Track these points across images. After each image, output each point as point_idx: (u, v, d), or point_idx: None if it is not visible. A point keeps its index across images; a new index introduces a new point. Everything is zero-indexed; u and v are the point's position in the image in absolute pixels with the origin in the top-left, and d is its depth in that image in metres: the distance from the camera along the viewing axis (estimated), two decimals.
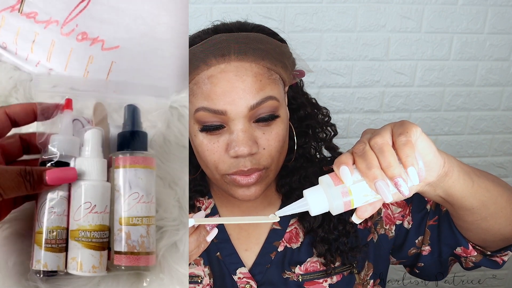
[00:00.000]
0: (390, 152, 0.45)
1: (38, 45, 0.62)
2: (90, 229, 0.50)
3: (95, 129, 0.53)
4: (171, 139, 0.59)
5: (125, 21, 0.59)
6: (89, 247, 0.50)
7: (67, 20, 0.60)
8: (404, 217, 0.71)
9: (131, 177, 0.52)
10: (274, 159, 0.62)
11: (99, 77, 0.61)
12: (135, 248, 0.51)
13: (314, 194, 0.47)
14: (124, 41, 0.60)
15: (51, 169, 0.49)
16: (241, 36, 0.60)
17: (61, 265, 0.50)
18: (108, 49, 0.60)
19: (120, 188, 0.52)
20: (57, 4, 0.60)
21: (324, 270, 0.69)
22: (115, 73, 0.61)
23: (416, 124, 0.47)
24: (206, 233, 0.57)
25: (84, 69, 0.61)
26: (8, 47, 0.64)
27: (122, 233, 0.51)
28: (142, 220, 0.52)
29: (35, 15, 0.61)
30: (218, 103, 0.58)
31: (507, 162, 1.53)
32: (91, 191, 0.51)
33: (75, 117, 0.54)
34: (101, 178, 0.52)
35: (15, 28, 0.62)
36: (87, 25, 0.60)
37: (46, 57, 0.62)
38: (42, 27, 0.61)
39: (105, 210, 0.51)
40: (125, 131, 0.54)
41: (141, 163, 0.53)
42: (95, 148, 0.52)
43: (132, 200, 0.52)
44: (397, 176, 0.44)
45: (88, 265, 0.50)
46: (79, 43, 0.60)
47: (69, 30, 0.60)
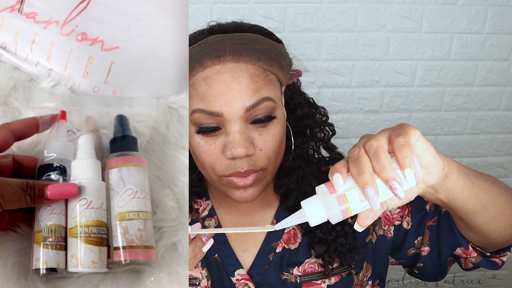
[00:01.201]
0: (384, 156, 0.44)
1: (38, 45, 0.62)
2: (88, 224, 0.51)
3: (87, 134, 0.56)
4: (170, 140, 0.59)
5: (125, 22, 0.59)
6: (88, 242, 0.51)
7: (67, 20, 0.60)
8: (403, 218, 0.71)
9: (124, 174, 0.54)
10: (271, 160, 0.61)
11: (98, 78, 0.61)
12: (134, 241, 0.52)
13: (311, 205, 0.47)
14: (123, 42, 0.60)
15: (52, 184, 0.50)
16: (236, 36, 0.60)
17: (61, 262, 0.50)
18: (108, 50, 0.60)
19: (114, 186, 0.54)
20: (57, 4, 0.60)
21: (322, 271, 0.69)
22: (114, 74, 0.61)
23: (414, 127, 0.47)
24: (202, 244, 0.58)
25: (84, 69, 0.61)
26: (7, 47, 0.64)
27: (120, 228, 0.52)
28: (139, 214, 0.53)
29: (35, 16, 0.61)
30: (214, 105, 0.58)
31: (507, 162, 1.53)
32: (86, 188, 0.52)
33: (69, 128, 0.56)
34: (96, 177, 0.54)
35: (15, 28, 0.62)
36: (87, 25, 0.60)
37: (46, 58, 0.62)
38: (42, 28, 0.61)
39: (102, 207, 0.53)
40: (116, 136, 0.57)
41: (133, 162, 0.55)
42: (88, 151, 0.55)
43: (127, 196, 0.53)
44: (392, 179, 0.44)
45: (88, 260, 0.50)
46: (79, 43, 0.60)
47: (69, 31, 0.60)
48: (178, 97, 0.62)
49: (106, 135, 0.58)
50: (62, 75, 0.62)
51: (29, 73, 0.63)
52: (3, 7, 0.62)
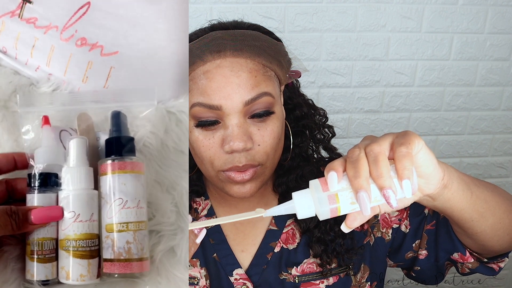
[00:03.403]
0: (383, 162, 0.44)
1: (37, 50, 0.62)
2: (76, 238, 0.50)
3: (78, 138, 0.53)
4: (169, 144, 0.59)
5: (124, 27, 0.60)
6: (76, 256, 0.50)
7: (66, 25, 0.60)
8: (401, 221, 0.72)
9: (114, 183, 0.52)
10: (269, 156, 0.62)
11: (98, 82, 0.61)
12: (122, 254, 0.51)
13: (301, 198, 0.47)
14: (123, 47, 0.60)
15: (36, 209, 0.49)
16: (236, 33, 0.61)
17: (50, 274, 0.51)
18: (107, 55, 0.60)
19: (104, 195, 0.52)
20: (57, 10, 0.60)
21: (321, 272, 0.69)
22: (113, 79, 0.61)
23: (419, 136, 0.46)
24: (194, 236, 0.58)
25: (83, 74, 0.61)
26: (8, 52, 0.64)
27: (108, 240, 0.51)
28: (128, 226, 0.51)
29: (35, 21, 0.61)
30: (214, 98, 0.58)
31: (507, 162, 1.53)
32: (74, 200, 0.51)
33: (63, 128, 0.55)
34: (86, 186, 0.52)
35: (15, 33, 0.63)
36: (86, 30, 0.60)
37: (46, 62, 0.62)
38: (42, 33, 0.61)
39: (91, 219, 0.52)
40: (110, 138, 0.54)
41: (124, 168, 0.52)
42: (79, 157, 0.53)
43: (116, 206, 0.51)
44: (387, 187, 0.43)
45: (76, 274, 0.50)
46: (79, 48, 0.61)
47: (68, 36, 0.61)
48: (177, 101, 0.62)
49: (105, 132, 0.56)
50: (61, 80, 0.62)
51: (29, 77, 0.64)
52: (4, 12, 0.62)
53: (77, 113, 0.56)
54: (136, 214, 0.52)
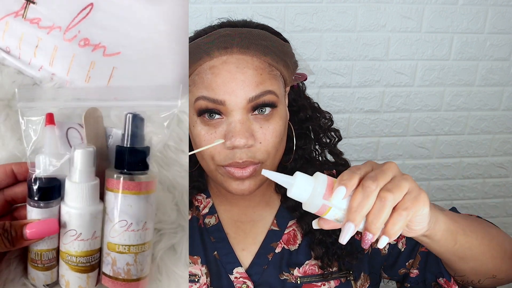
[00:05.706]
0: (386, 214, 0.45)
1: (41, 50, 0.63)
2: (76, 255, 0.49)
3: (83, 150, 0.49)
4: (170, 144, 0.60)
5: (126, 28, 0.60)
6: (75, 270, 0.50)
7: (69, 26, 0.61)
8: (398, 238, 0.72)
9: (119, 203, 0.49)
10: (270, 154, 0.62)
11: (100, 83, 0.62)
12: (120, 274, 0.50)
13: (302, 183, 0.47)
14: (125, 47, 0.61)
15: (31, 223, 0.47)
16: (244, 31, 0.61)
17: (49, 280, 0.51)
18: (110, 55, 0.61)
19: (110, 212, 0.50)
20: (60, 10, 0.61)
21: (322, 274, 0.69)
22: (116, 79, 0.62)
23: (428, 200, 0.47)
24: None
25: (86, 74, 0.62)
26: (11, 52, 0.65)
27: (109, 257, 0.51)
28: (130, 248, 0.50)
29: (39, 21, 0.62)
30: (218, 93, 0.59)
31: (507, 162, 1.53)
32: (76, 219, 0.49)
33: (70, 125, 0.52)
34: (90, 204, 0.49)
35: (19, 33, 0.63)
36: (89, 31, 0.61)
37: (49, 62, 0.63)
38: (45, 33, 0.62)
39: (93, 236, 0.50)
40: (122, 147, 0.50)
41: (132, 189, 0.49)
42: (84, 171, 0.49)
43: (120, 228, 0.49)
44: (372, 234, 0.45)
45: (75, 285, 0.50)
46: (81, 49, 0.61)
47: (71, 36, 0.61)
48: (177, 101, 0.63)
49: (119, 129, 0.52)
50: (64, 80, 0.63)
51: (32, 77, 0.64)
52: (8, 12, 0.63)
53: (83, 109, 0.52)
54: (140, 236, 0.50)
